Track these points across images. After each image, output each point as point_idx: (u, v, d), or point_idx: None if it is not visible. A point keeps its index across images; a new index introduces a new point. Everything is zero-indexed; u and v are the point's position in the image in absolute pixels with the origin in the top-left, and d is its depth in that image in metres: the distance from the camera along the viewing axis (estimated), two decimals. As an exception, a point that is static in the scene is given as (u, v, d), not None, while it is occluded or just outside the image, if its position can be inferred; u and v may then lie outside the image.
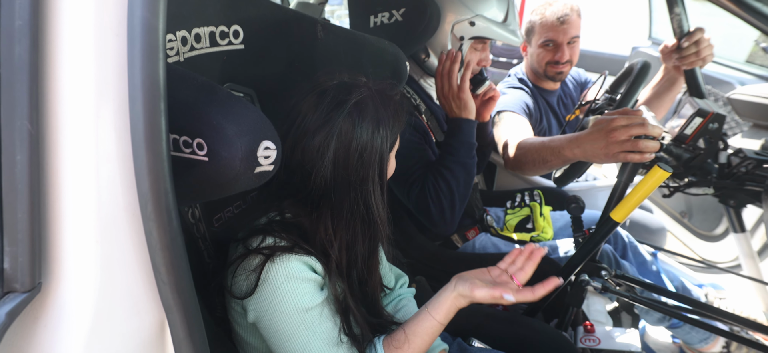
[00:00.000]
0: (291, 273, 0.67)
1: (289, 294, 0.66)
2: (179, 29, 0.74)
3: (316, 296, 0.69)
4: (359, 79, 0.75)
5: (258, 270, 0.66)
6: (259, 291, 0.66)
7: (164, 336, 0.47)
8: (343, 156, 0.70)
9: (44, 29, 0.39)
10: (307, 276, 0.68)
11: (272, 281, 0.66)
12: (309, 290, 0.68)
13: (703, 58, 1.18)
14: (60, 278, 0.41)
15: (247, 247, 0.69)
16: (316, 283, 0.70)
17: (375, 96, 0.73)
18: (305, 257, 0.69)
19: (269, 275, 0.66)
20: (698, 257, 2.00)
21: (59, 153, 0.41)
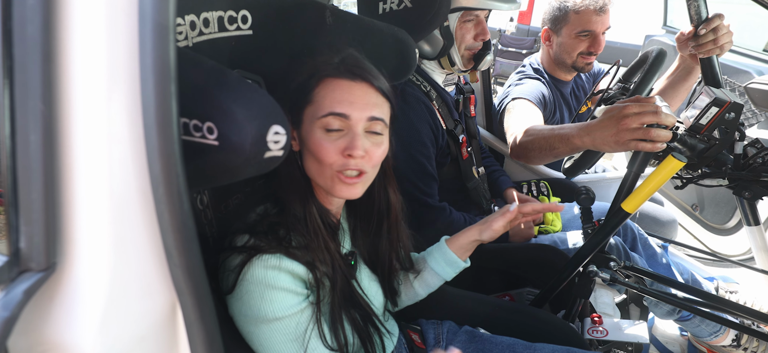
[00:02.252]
0: (267, 281, 0.67)
1: (261, 300, 0.67)
2: (188, 13, 0.73)
3: (290, 306, 0.69)
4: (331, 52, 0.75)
5: (237, 271, 0.67)
6: (237, 290, 0.67)
7: (176, 317, 0.48)
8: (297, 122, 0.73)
9: (55, 8, 0.39)
10: (282, 285, 0.68)
11: (247, 283, 0.67)
12: (282, 299, 0.68)
13: (721, 46, 1.15)
14: (74, 258, 0.42)
15: (232, 244, 0.69)
16: (293, 293, 0.69)
17: (336, 64, 0.73)
18: (287, 261, 0.68)
19: (246, 277, 0.67)
20: (709, 250, 1.98)
21: (72, 133, 0.41)
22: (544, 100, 1.51)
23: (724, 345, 1.40)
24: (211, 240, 0.81)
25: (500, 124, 1.55)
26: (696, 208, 2.13)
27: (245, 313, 0.68)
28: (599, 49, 1.49)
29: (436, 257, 0.94)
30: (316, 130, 0.70)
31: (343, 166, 0.70)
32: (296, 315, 0.70)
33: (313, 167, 0.73)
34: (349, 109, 0.69)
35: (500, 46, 4.82)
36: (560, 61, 1.55)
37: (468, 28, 1.23)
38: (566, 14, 1.48)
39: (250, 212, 0.76)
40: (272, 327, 0.68)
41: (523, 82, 1.57)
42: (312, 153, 0.71)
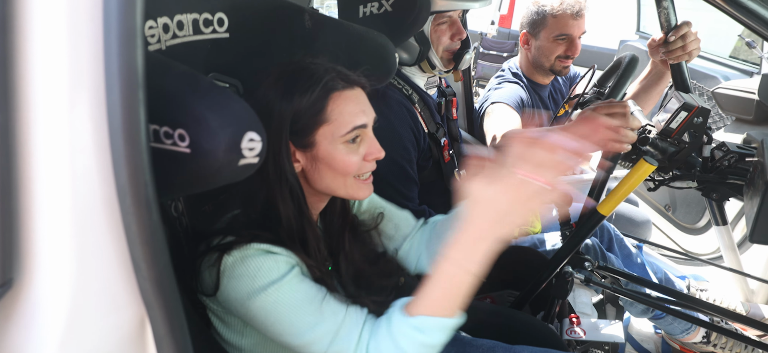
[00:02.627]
0: (246, 256, 0.64)
1: (248, 276, 0.64)
2: (161, 16, 0.71)
3: (281, 268, 0.65)
4: (307, 58, 0.73)
5: (216, 265, 0.65)
6: (223, 285, 0.65)
7: (145, 332, 0.46)
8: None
9: (13, 13, 0.37)
10: (266, 255, 0.65)
11: (230, 270, 0.64)
12: (273, 265, 0.65)
13: (689, 52, 1.19)
14: (33, 273, 0.39)
15: (208, 245, 0.67)
16: (279, 260, 0.66)
17: (296, 68, 0.71)
18: (263, 244, 0.66)
19: (226, 266, 0.64)
20: (681, 249, 2.05)
21: (30, 142, 0.39)
22: (522, 104, 1.54)
23: (695, 341, 1.45)
24: (187, 248, 0.78)
25: (480, 128, 1.56)
26: (668, 209, 2.20)
27: (238, 297, 0.64)
28: (576, 52, 1.52)
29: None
30: (339, 146, 0.71)
31: (360, 169, 0.73)
32: (292, 278, 0.65)
33: (329, 179, 0.73)
34: (364, 117, 0.72)
35: (482, 49, 4.88)
36: (538, 65, 1.59)
37: (443, 30, 1.23)
38: (544, 18, 1.51)
39: (223, 217, 0.74)
40: (272, 295, 0.63)
41: (502, 86, 1.59)
42: (331, 167, 0.72)
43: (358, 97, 0.73)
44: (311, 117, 0.69)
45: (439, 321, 0.61)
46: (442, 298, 0.61)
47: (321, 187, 0.75)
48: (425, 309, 0.61)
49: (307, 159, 0.72)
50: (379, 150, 0.74)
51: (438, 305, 0.61)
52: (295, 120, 0.69)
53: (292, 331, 0.64)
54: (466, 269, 0.58)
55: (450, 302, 0.60)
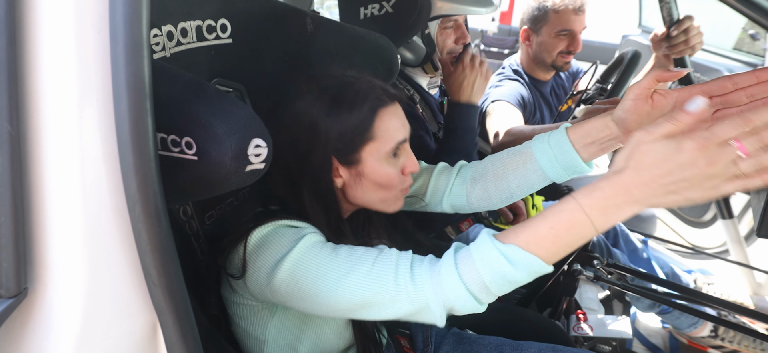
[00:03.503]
0: (272, 230, 0.64)
1: (276, 242, 0.62)
2: (165, 23, 0.72)
3: (302, 233, 0.63)
4: (346, 72, 0.72)
5: (241, 249, 0.64)
6: (250, 260, 0.63)
7: (156, 338, 0.46)
8: (288, 137, 0.69)
9: (22, 26, 0.38)
10: (285, 228, 0.65)
11: (254, 248, 0.63)
12: (292, 233, 0.63)
13: (692, 46, 1.19)
14: (47, 282, 0.40)
15: (237, 234, 0.67)
16: (300, 230, 0.65)
17: (339, 83, 0.70)
18: (291, 220, 0.66)
19: (252, 240, 0.64)
20: (687, 243, 2.04)
21: (42, 154, 0.40)
22: (523, 101, 1.53)
23: (703, 336, 1.44)
24: (199, 251, 0.79)
25: (482, 126, 1.56)
26: (674, 203, 2.19)
27: (264, 272, 0.61)
28: (578, 47, 1.52)
29: (545, 149, 0.72)
30: (384, 162, 0.70)
31: (402, 182, 0.73)
32: (314, 240, 0.62)
33: (371, 194, 0.72)
34: (404, 131, 0.72)
35: (482, 46, 4.87)
36: (540, 61, 1.58)
37: (448, 33, 1.24)
38: (546, 14, 1.51)
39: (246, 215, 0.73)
40: (295, 255, 0.59)
41: (503, 84, 1.59)
42: (377, 183, 0.71)
43: (398, 111, 0.73)
44: (358, 135, 0.68)
45: (534, 259, 0.51)
46: (551, 239, 0.50)
47: (359, 202, 0.74)
48: (525, 242, 0.51)
49: (351, 175, 0.71)
50: (415, 163, 0.74)
51: (542, 244, 0.51)
52: (341, 137, 0.68)
53: (327, 285, 0.58)
54: (593, 221, 0.48)
55: (556, 247, 0.51)
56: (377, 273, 0.57)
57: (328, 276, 0.59)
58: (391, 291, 0.56)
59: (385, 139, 0.69)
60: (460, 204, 0.87)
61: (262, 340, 0.72)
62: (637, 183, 0.45)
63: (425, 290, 0.55)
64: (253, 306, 0.71)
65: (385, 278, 0.57)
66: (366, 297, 0.57)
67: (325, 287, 0.59)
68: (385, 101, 0.70)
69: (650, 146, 0.44)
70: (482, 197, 0.82)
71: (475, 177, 0.83)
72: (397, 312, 0.57)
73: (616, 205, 0.47)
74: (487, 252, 0.53)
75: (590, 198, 0.48)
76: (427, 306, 0.55)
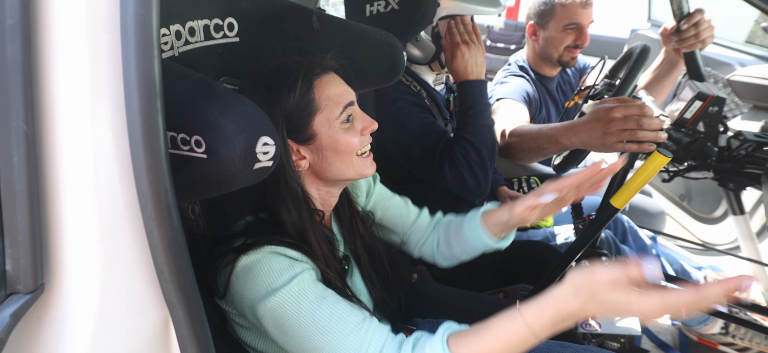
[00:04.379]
0: (260, 258, 0.64)
1: (263, 275, 0.63)
2: (173, 23, 0.73)
3: (292, 270, 0.65)
4: (275, 59, 0.75)
5: (231, 266, 0.65)
6: (235, 289, 0.65)
7: (169, 333, 0.47)
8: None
9: (36, 27, 0.39)
10: (278, 257, 0.66)
11: (243, 274, 0.64)
12: (287, 267, 0.65)
13: (702, 40, 1.17)
14: (63, 278, 0.41)
15: (228, 247, 0.68)
16: (291, 263, 0.66)
17: (269, 71, 0.72)
18: (276, 247, 0.66)
19: (238, 269, 0.64)
20: (697, 240, 2.01)
21: (56, 153, 0.41)
22: (529, 98, 1.53)
23: (713, 332, 1.43)
24: (205, 249, 0.80)
25: None
26: (684, 199, 2.16)
27: (250, 302, 0.63)
28: (585, 41, 1.51)
29: (472, 228, 0.89)
30: (338, 129, 0.73)
31: (361, 145, 0.75)
32: (303, 280, 0.64)
33: (337, 163, 0.74)
34: (349, 95, 0.75)
35: (489, 42, 4.84)
36: (546, 56, 1.57)
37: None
38: (552, 8, 1.50)
39: (239, 220, 0.74)
40: (281, 297, 0.61)
41: (508, 81, 1.58)
42: (336, 150, 0.73)
43: (336, 79, 0.75)
44: (303, 109, 0.71)
45: None
46: (498, 352, 0.57)
47: (331, 176, 0.76)
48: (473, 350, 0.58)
49: (312, 151, 0.73)
50: (371, 122, 0.76)
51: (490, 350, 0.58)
52: (290, 119, 0.70)
53: (301, 334, 0.62)
54: (538, 336, 0.56)
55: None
56: (354, 342, 0.62)
57: (307, 325, 0.62)
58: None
59: (330, 107, 0.72)
60: (428, 256, 0.96)
61: (256, 350, 0.74)
62: (582, 313, 0.55)
63: None
64: (245, 322, 0.72)
65: (358, 348, 0.61)
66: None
67: (301, 333, 0.62)
68: (318, 72, 0.73)
69: (601, 296, 0.53)
70: (445, 257, 0.95)
71: (441, 239, 0.95)
72: None
73: (560, 324, 0.56)
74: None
75: (539, 321, 0.56)
76: None
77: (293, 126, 0.71)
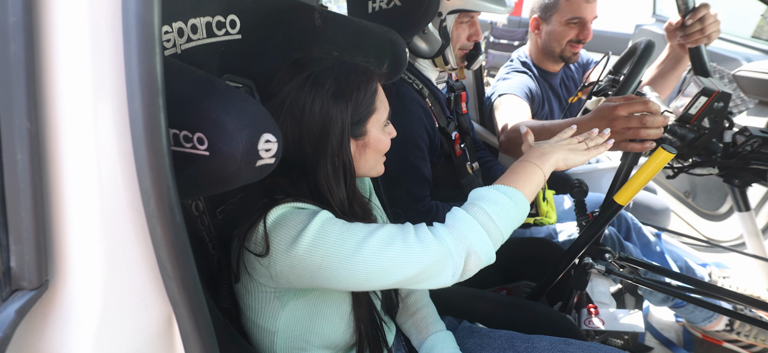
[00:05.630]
0: (288, 209, 0.67)
1: (288, 226, 0.64)
2: (175, 20, 0.73)
3: (316, 210, 0.67)
4: (328, 54, 0.75)
5: (263, 226, 0.65)
6: (272, 237, 0.65)
7: (172, 329, 0.48)
8: (297, 131, 0.71)
9: (38, 25, 0.39)
10: (299, 210, 0.67)
11: (275, 220, 0.65)
12: (307, 212, 0.66)
13: (708, 35, 1.15)
14: (67, 275, 0.41)
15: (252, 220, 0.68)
16: (313, 209, 0.68)
17: (335, 68, 0.72)
18: (298, 203, 0.69)
19: (270, 219, 0.65)
20: (702, 236, 2.00)
21: (60, 150, 0.41)
22: (531, 94, 1.52)
23: (718, 329, 1.42)
24: (210, 245, 0.81)
25: (491, 119, 1.55)
26: (688, 195, 2.15)
27: (283, 248, 0.64)
28: (588, 36, 1.50)
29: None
30: (381, 130, 0.79)
31: (387, 146, 0.81)
32: (328, 215, 0.67)
33: (371, 162, 0.80)
34: (387, 102, 0.81)
35: (492, 38, 4.82)
36: (548, 51, 1.56)
37: (463, 28, 1.24)
38: (557, 2, 1.49)
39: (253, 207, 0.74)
40: (313, 228, 0.63)
41: (510, 77, 1.57)
42: (376, 150, 0.79)
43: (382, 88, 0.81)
44: (367, 108, 0.75)
45: (521, 195, 0.72)
46: (523, 181, 0.74)
47: (362, 170, 0.80)
48: (509, 183, 0.73)
49: (358, 147, 0.77)
50: (393, 129, 0.83)
51: (519, 184, 0.73)
52: (355, 112, 0.73)
53: (342, 253, 0.63)
54: (538, 166, 0.75)
55: (528, 186, 0.74)
56: (396, 234, 0.66)
57: (347, 243, 0.64)
58: (412, 245, 0.64)
59: (381, 109, 0.78)
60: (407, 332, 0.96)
61: (273, 332, 0.73)
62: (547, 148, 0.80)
63: (445, 239, 0.66)
64: (266, 297, 0.72)
65: (404, 236, 0.65)
66: (386, 258, 0.64)
67: (344, 255, 0.63)
68: (378, 75, 0.78)
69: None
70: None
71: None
72: (419, 265, 0.64)
73: (541, 158, 0.77)
74: (488, 192, 0.70)
75: (530, 154, 0.79)
76: (450, 253, 0.65)
77: (355, 120, 0.74)
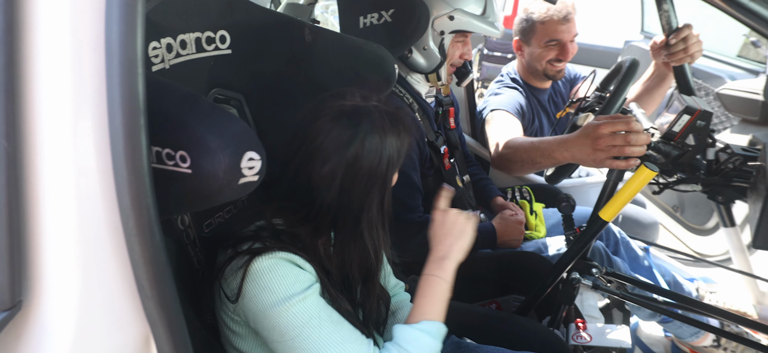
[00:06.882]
0: (274, 264, 0.66)
1: (276, 283, 0.65)
2: (164, 36, 0.73)
3: (307, 281, 0.67)
4: (370, 101, 0.73)
5: (244, 268, 0.65)
6: (246, 288, 0.65)
7: (149, 349, 0.47)
8: (349, 185, 0.70)
9: (19, 46, 0.39)
10: (292, 266, 0.67)
11: (256, 275, 0.65)
12: (299, 277, 0.67)
13: (691, 54, 1.18)
14: (41, 295, 0.41)
15: (236, 250, 0.68)
16: (305, 274, 0.68)
17: (385, 120, 0.72)
18: (291, 254, 0.68)
19: (253, 269, 0.65)
20: (690, 251, 2.02)
21: (37, 169, 0.41)
22: (522, 110, 1.54)
23: (705, 345, 1.43)
24: (195, 259, 0.80)
25: (482, 133, 1.57)
26: (677, 210, 2.17)
27: (260, 307, 0.65)
28: (567, 56, 1.53)
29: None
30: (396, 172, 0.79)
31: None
32: (314, 292, 0.67)
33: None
34: None
35: (486, 50, 4.87)
36: (532, 70, 1.60)
37: (458, 47, 1.27)
38: (532, 25, 1.53)
39: (246, 226, 0.74)
40: (293, 307, 0.65)
41: (501, 92, 1.60)
42: (391, 191, 0.78)
43: None
44: (400, 159, 0.75)
45: (436, 324, 0.75)
46: (434, 305, 0.76)
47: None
48: (424, 316, 0.75)
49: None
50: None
51: (432, 310, 0.76)
52: (399, 157, 0.74)
53: (307, 346, 0.65)
54: (441, 278, 0.77)
55: (439, 307, 0.76)
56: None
57: (314, 339, 0.66)
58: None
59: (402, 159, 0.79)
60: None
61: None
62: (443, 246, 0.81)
63: None
64: (244, 332, 0.72)
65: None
66: None
67: (307, 346, 0.66)
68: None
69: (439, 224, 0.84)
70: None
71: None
72: None
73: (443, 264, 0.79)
74: (410, 334, 0.73)
75: (430, 267, 0.80)
76: None
77: (393, 169, 0.74)
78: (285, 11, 2.36)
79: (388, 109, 0.74)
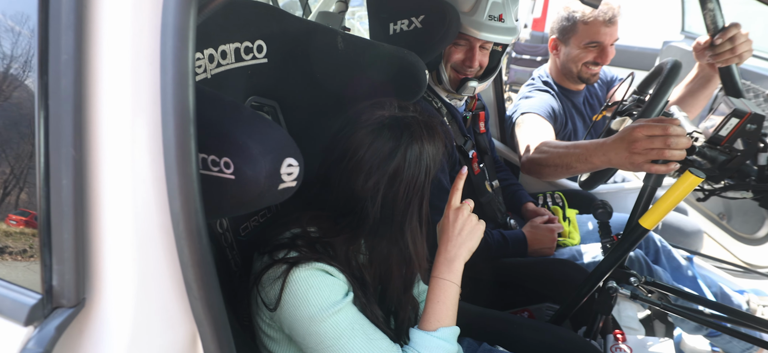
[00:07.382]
0: (311, 274, 0.68)
1: (313, 295, 0.67)
2: (206, 47, 0.77)
3: (342, 292, 0.70)
4: (408, 112, 0.74)
5: (282, 277, 0.67)
6: (285, 298, 0.67)
7: (196, 348, 0.49)
8: (392, 196, 0.72)
9: (87, 62, 0.42)
10: (330, 278, 0.69)
11: (294, 286, 0.67)
12: (334, 288, 0.69)
13: (739, 55, 1.12)
14: (102, 294, 0.44)
15: (273, 258, 0.70)
16: (340, 284, 0.70)
17: (424, 132, 0.73)
18: (327, 265, 0.69)
19: (291, 279, 0.67)
20: (739, 261, 1.90)
21: (99, 176, 0.44)
22: (553, 114, 1.50)
23: (758, 362, 1.34)
24: (233, 262, 0.83)
25: (511, 138, 1.54)
26: (723, 217, 2.05)
27: (300, 317, 0.68)
28: (606, 60, 1.47)
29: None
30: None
31: None
32: (349, 303, 0.70)
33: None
34: None
35: (514, 53, 4.79)
36: (566, 71, 1.55)
37: (457, 49, 1.23)
38: (575, 24, 1.47)
39: (282, 232, 0.76)
40: (331, 319, 0.67)
41: (533, 96, 1.56)
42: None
43: None
44: (439, 160, 0.77)
45: (452, 329, 0.77)
46: (448, 310, 0.77)
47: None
48: (441, 322, 0.76)
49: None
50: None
51: (447, 316, 0.77)
52: (430, 171, 0.76)
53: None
54: (450, 281, 0.78)
55: (452, 312, 0.78)
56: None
57: (348, 349, 0.69)
58: None
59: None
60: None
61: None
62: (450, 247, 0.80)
63: None
64: (279, 337, 0.74)
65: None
66: None
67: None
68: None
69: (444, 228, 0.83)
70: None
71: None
72: None
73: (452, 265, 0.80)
74: (428, 342, 0.75)
75: (450, 273, 0.79)
76: None
77: (430, 177, 0.75)
78: (316, 19, 2.42)
79: (424, 118, 0.74)
